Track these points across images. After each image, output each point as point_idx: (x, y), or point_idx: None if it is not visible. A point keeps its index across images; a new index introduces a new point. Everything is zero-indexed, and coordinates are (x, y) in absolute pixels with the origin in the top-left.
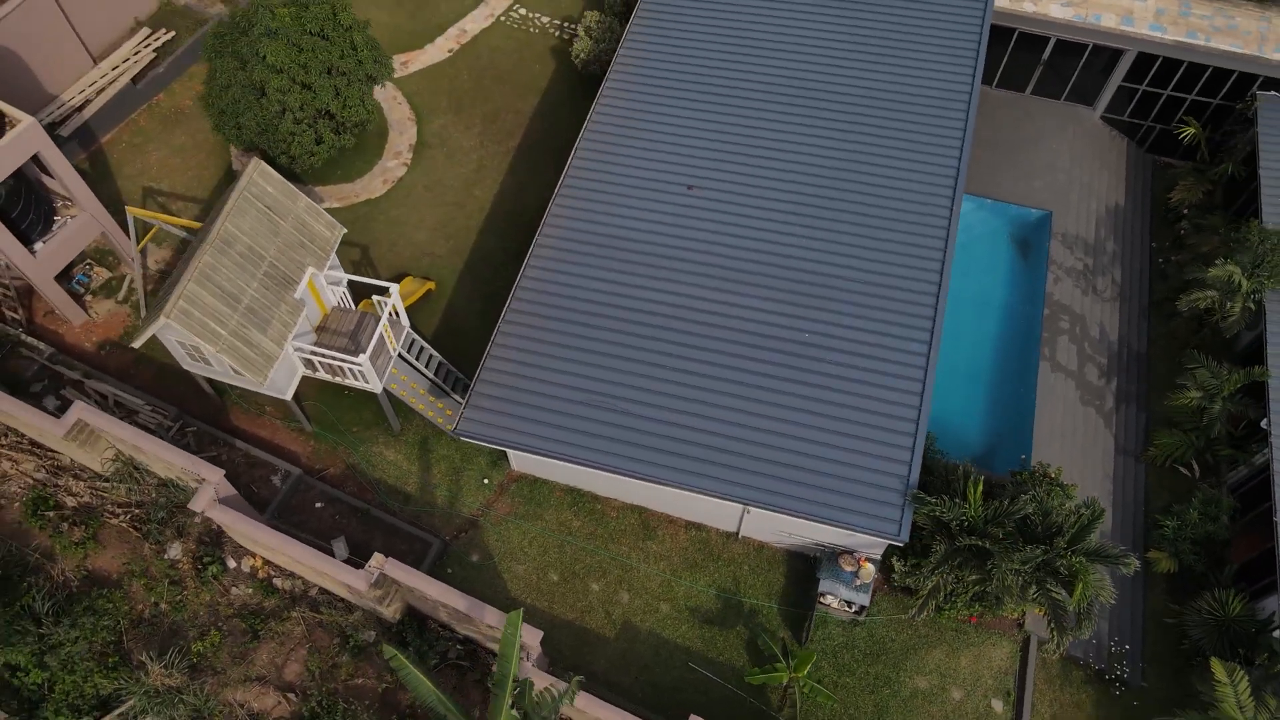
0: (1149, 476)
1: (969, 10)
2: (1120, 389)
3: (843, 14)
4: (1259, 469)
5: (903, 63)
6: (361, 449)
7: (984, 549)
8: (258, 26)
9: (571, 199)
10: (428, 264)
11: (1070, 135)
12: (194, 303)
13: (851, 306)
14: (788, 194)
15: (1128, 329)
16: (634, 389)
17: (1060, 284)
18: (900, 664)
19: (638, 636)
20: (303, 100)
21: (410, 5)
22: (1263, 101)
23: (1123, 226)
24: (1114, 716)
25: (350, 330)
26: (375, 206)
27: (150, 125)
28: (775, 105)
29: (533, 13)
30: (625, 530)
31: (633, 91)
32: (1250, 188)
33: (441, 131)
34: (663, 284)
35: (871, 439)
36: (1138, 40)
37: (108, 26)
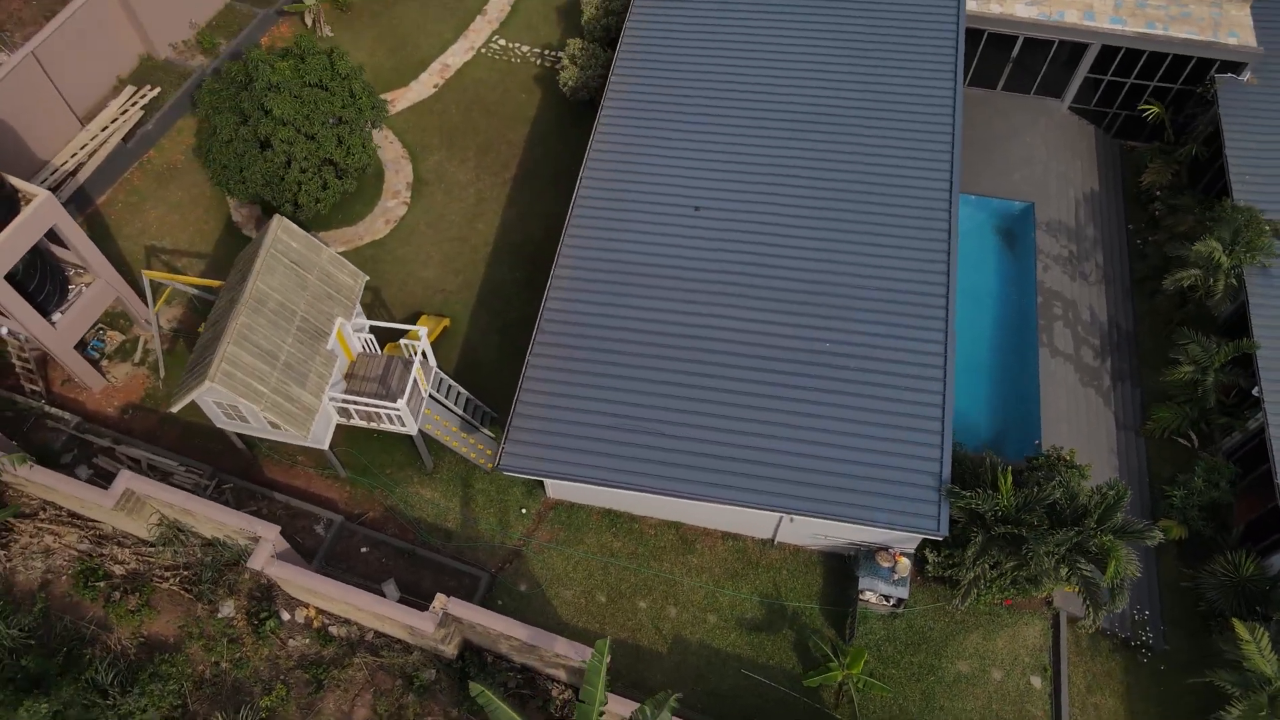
0: (1149, 449)
1: (944, 17)
2: (1115, 368)
3: (824, 29)
4: (1253, 434)
5: (887, 70)
6: (398, 490)
7: (1019, 535)
8: (259, 81)
9: (583, 228)
10: (440, 301)
11: (1042, 127)
12: (235, 364)
13: (866, 312)
14: (792, 206)
15: (1115, 310)
16: (665, 409)
17: (1049, 271)
18: (941, 651)
19: (689, 648)
20: (307, 150)
21: (390, 43)
22: (1221, 84)
23: (1100, 211)
24: (1143, 681)
25: (379, 375)
26: (381, 247)
27: (144, 183)
28: (770, 120)
29: (512, 43)
30: (665, 546)
31: (629, 117)
32: (1215, 166)
33: (437, 168)
34: (682, 304)
35: (901, 439)
36: (1100, 34)
37: (92, 87)
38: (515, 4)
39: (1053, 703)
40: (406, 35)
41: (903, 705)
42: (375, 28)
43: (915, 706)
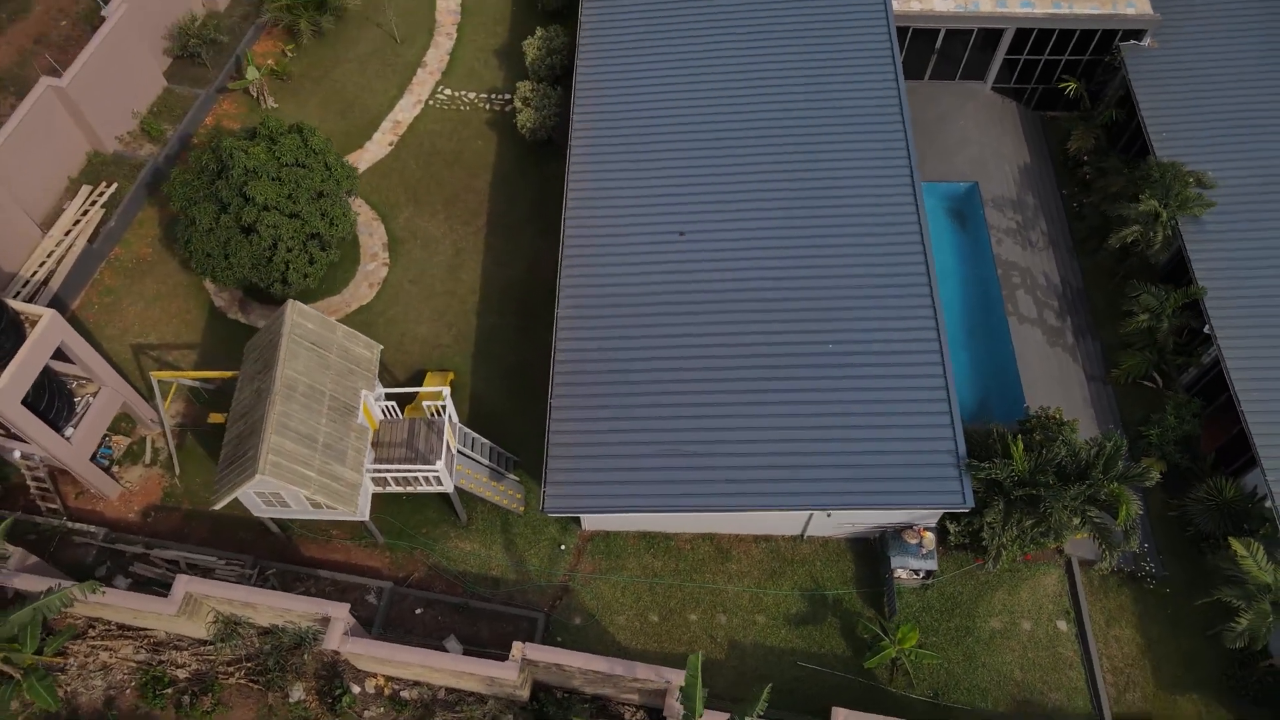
0: (1118, 396)
1: (875, 20)
2: (1075, 325)
3: (767, 45)
4: (1208, 367)
5: (834, 75)
6: (437, 548)
7: (1036, 496)
8: (235, 168)
9: (576, 267)
10: (439, 355)
11: (971, 110)
12: (280, 453)
13: (858, 308)
14: (770, 217)
15: (1065, 271)
16: (689, 429)
17: (1002, 244)
18: (973, 612)
19: (745, 651)
20: (293, 229)
21: (337, 106)
22: (1126, 51)
23: (1035, 181)
24: (1154, 608)
25: (405, 440)
26: (370, 311)
27: (117, 281)
28: (733, 138)
29: (458, 91)
30: (703, 559)
31: (597, 153)
32: (1132, 126)
33: (409, 225)
34: (685, 325)
35: (914, 422)
36: (1013, 18)
37: (45, 191)
38: (453, 53)
39: (1080, 641)
40: (352, 97)
41: (948, 668)
42: (318, 93)
43: (960, 667)
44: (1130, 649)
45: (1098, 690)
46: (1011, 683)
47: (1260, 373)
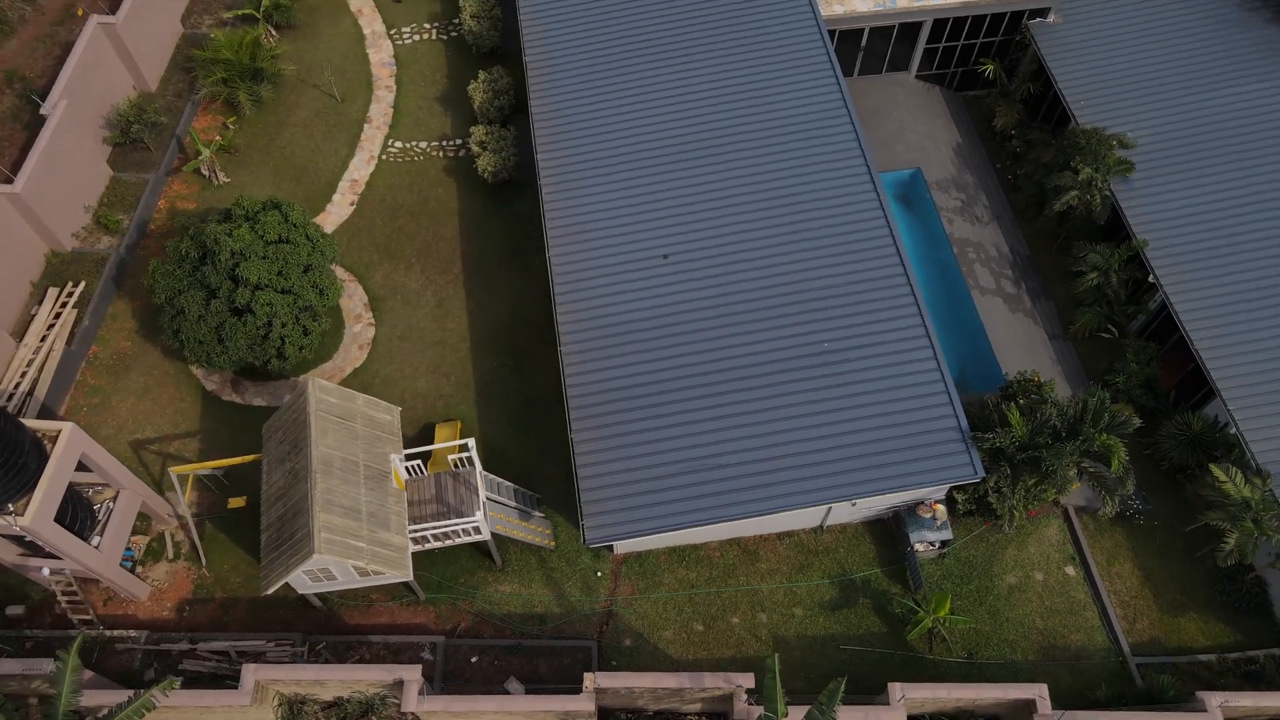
0: (1078, 350)
1: (807, 28)
2: (1029, 289)
3: (711, 64)
4: (1155, 313)
5: (778, 84)
6: (478, 594)
7: (1036, 457)
8: (222, 253)
9: (570, 302)
10: (442, 406)
11: (901, 99)
12: (331, 529)
13: (844, 304)
14: (746, 230)
15: (1012, 240)
16: (707, 442)
17: (953, 223)
18: (988, 572)
19: (790, 644)
20: (286, 304)
21: (290, 172)
22: (1034, 29)
23: (970, 159)
24: (1145, 541)
25: (434, 495)
26: (366, 373)
27: (100, 380)
28: (698, 157)
29: (408, 143)
30: (733, 563)
31: (569, 188)
32: (1049, 97)
33: (386, 282)
34: (684, 343)
35: (916, 406)
36: (929, 10)
37: (8, 299)
38: (396, 105)
39: (1088, 583)
40: (303, 162)
41: (977, 628)
42: (268, 162)
43: (986, 625)
44: (1132, 582)
45: (1112, 625)
46: (1035, 631)
47: (1206, 311)
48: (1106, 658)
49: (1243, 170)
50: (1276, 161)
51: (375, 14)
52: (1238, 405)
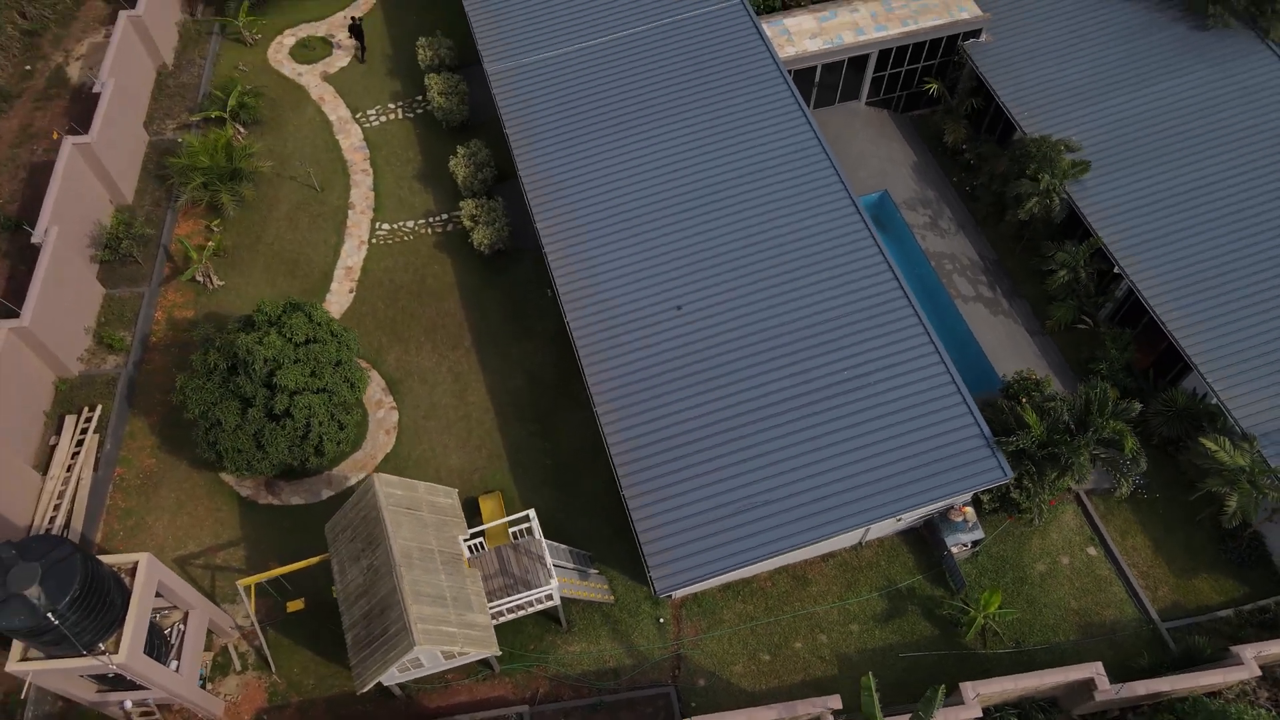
0: (1057, 342)
1: (771, 76)
2: (1004, 291)
3: (687, 119)
4: (1122, 299)
5: (754, 135)
6: (550, 659)
7: (1055, 452)
8: (255, 361)
9: (597, 363)
10: (479, 479)
11: (856, 127)
12: (424, 620)
13: (855, 330)
14: (750, 272)
15: (980, 247)
16: (752, 480)
17: (925, 238)
18: (1019, 564)
19: (852, 660)
20: (323, 402)
21: (283, 267)
22: (970, 49)
23: (927, 176)
24: (1150, 513)
25: (498, 569)
26: (398, 457)
27: (131, 502)
28: (693, 208)
29: (395, 223)
30: (785, 591)
31: (576, 251)
32: (990, 110)
33: (400, 364)
34: (712, 388)
35: (939, 419)
36: (874, 43)
37: (26, 434)
38: (376, 189)
39: (1110, 560)
40: (294, 255)
41: (1019, 618)
42: (260, 260)
43: (1027, 614)
44: (1146, 554)
45: (1138, 595)
46: (1071, 612)
47: (1172, 292)
48: (1139, 627)
49: (1179, 158)
50: (1208, 146)
51: (337, 99)
52: (1215, 376)
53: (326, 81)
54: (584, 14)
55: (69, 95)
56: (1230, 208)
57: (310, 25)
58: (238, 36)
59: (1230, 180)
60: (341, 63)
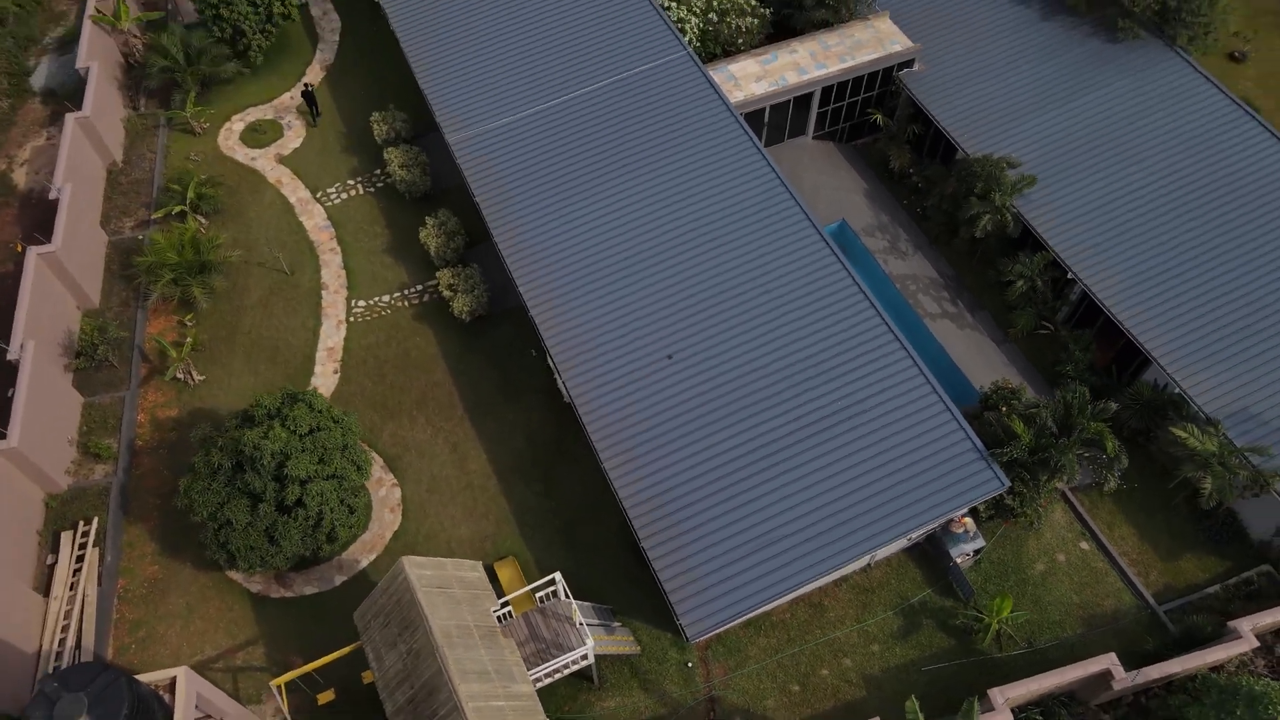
0: (1022, 348)
1: (727, 124)
2: (965, 305)
3: (651, 171)
4: (1077, 302)
5: (718, 181)
6: (585, 717)
7: (1045, 457)
8: (263, 457)
9: (599, 420)
10: (491, 547)
11: (806, 161)
12: (474, 698)
13: (843, 364)
14: (733, 316)
15: (938, 265)
16: (764, 517)
17: (887, 262)
18: (1018, 566)
19: (876, 680)
20: (333, 489)
21: (264, 355)
22: (906, 79)
23: (879, 201)
24: (1129, 502)
25: (528, 635)
26: (407, 534)
27: (138, 613)
28: (672, 258)
29: (371, 299)
30: (804, 620)
31: (563, 311)
32: (930, 134)
33: (395, 440)
34: (715, 432)
35: (933, 439)
36: (816, 81)
37: (21, 556)
38: (347, 266)
39: (1102, 552)
40: (273, 341)
41: (1028, 618)
42: (239, 351)
43: (1034, 613)
44: (1133, 541)
45: (1133, 583)
46: (1074, 606)
47: (1124, 291)
48: (1139, 613)
49: (1113, 164)
50: (1137, 151)
51: (296, 180)
52: (1174, 367)
53: (282, 164)
54: (536, 79)
55: (18, 202)
56: (1167, 206)
57: (258, 109)
58: (185, 127)
59: (1162, 180)
60: (295, 143)
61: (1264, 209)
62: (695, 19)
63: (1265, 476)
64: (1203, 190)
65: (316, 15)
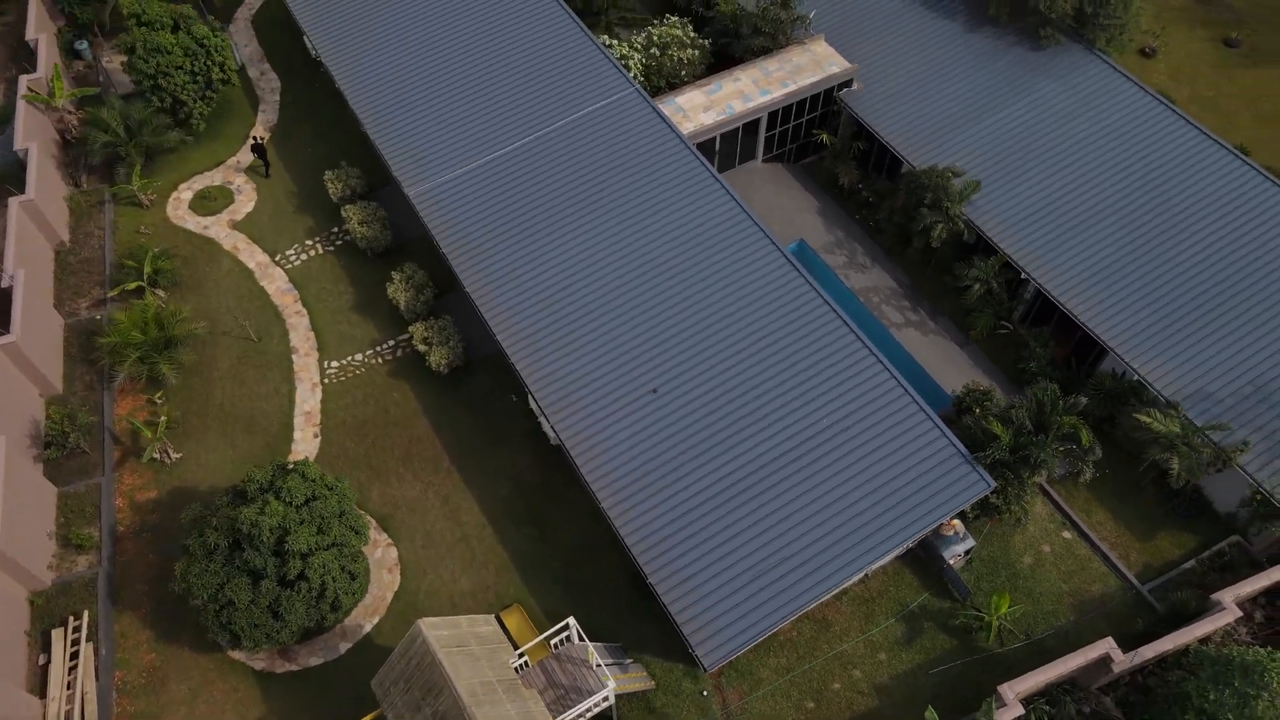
0: (983, 348)
1: (684, 157)
2: (926, 312)
3: (615, 210)
4: (1031, 301)
5: (682, 214)
6: None
7: (1026, 455)
8: (262, 533)
9: (591, 460)
10: (493, 597)
11: (758, 184)
12: None
13: (824, 383)
14: (714, 346)
15: (895, 275)
16: (764, 541)
17: (849, 277)
18: (1007, 561)
19: (886, 688)
20: (335, 557)
21: (240, 426)
22: (846, 98)
23: (832, 217)
24: (1102, 488)
25: (546, 683)
26: (407, 592)
27: (140, 705)
28: (646, 294)
29: (343, 359)
30: (810, 636)
31: (545, 355)
32: (874, 150)
33: (385, 498)
34: (706, 460)
35: (917, 448)
36: (762, 107)
37: (11, 660)
38: (314, 328)
39: (1084, 539)
40: (248, 411)
41: (1025, 609)
42: (213, 424)
43: (1028, 605)
44: (1110, 526)
45: (1116, 566)
46: (1065, 594)
47: (1075, 286)
48: (1125, 594)
49: (1050, 165)
50: (1071, 150)
51: (252, 245)
52: (1131, 354)
53: (236, 229)
54: (490, 126)
55: None
56: (1105, 200)
57: (204, 176)
58: (132, 200)
59: (1097, 176)
60: (247, 208)
61: (1191, 195)
62: (638, 55)
63: (1227, 452)
64: (1136, 182)
65: (254, 76)
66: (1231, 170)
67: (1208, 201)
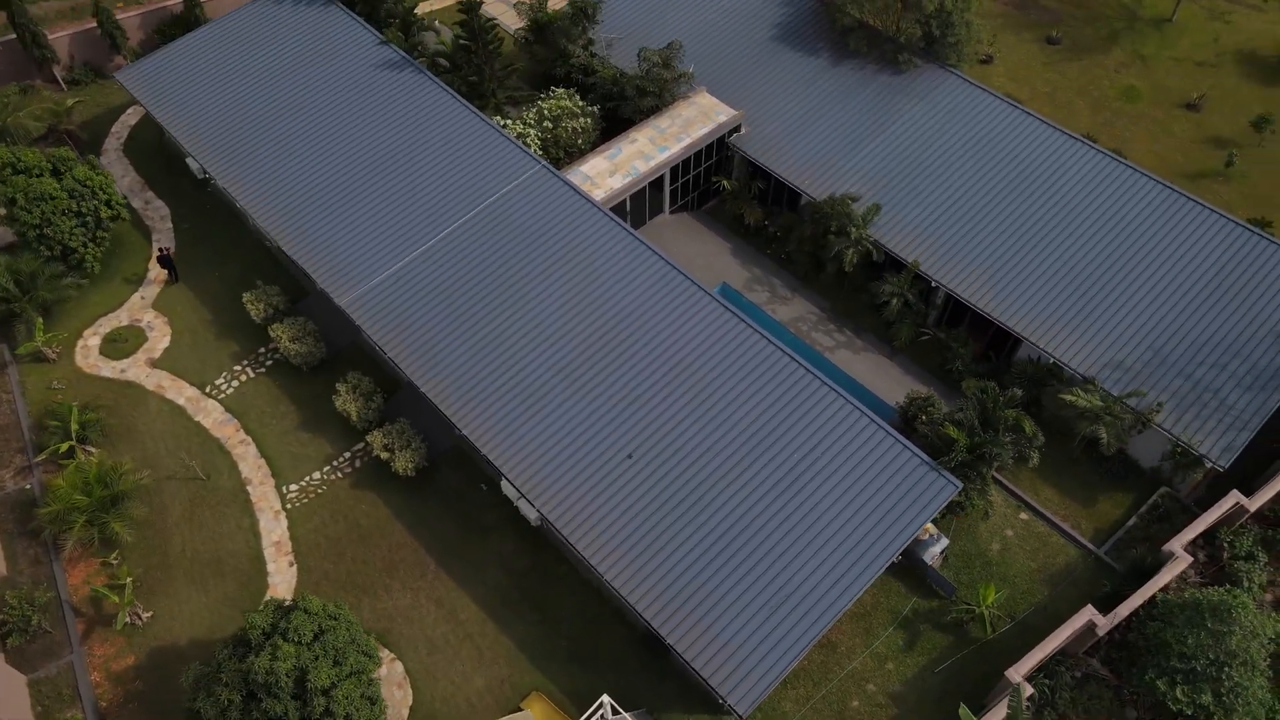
0: (910, 355)
1: (602, 225)
2: (851, 330)
3: (549, 284)
4: (943, 305)
5: (613, 280)
6: None
7: (983, 453)
8: (279, 680)
9: (580, 530)
10: (509, 690)
11: (669, 235)
12: None
13: (781, 419)
14: (672, 402)
15: (816, 300)
16: (766, 581)
17: (776, 311)
18: (979, 551)
19: (900, 695)
20: (353, 684)
21: (208, 570)
22: (738, 142)
23: (745, 256)
24: (1041, 466)
25: None
26: (422, 705)
27: None
28: (596, 360)
29: (301, 481)
30: (820, 661)
31: (513, 439)
32: (772, 186)
33: (377, 614)
34: (692, 512)
35: (883, 465)
36: (663, 163)
37: None
38: (263, 453)
39: (1039, 517)
40: (213, 553)
41: (1006, 595)
42: (179, 574)
43: (1004, 587)
44: (1056, 498)
45: (1073, 536)
46: (1035, 572)
47: (982, 288)
48: (1085, 560)
49: (935, 179)
50: (951, 162)
51: (177, 381)
52: (1044, 340)
53: (156, 368)
54: (408, 224)
55: None
56: (989, 202)
57: (109, 317)
58: (36, 355)
59: (978, 182)
60: (163, 343)
61: (1060, 185)
62: (533, 130)
63: (1146, 415)
64: (1011, 181)
65: (140, 206)
66: (1086, 158)
67: (1074, 189)
